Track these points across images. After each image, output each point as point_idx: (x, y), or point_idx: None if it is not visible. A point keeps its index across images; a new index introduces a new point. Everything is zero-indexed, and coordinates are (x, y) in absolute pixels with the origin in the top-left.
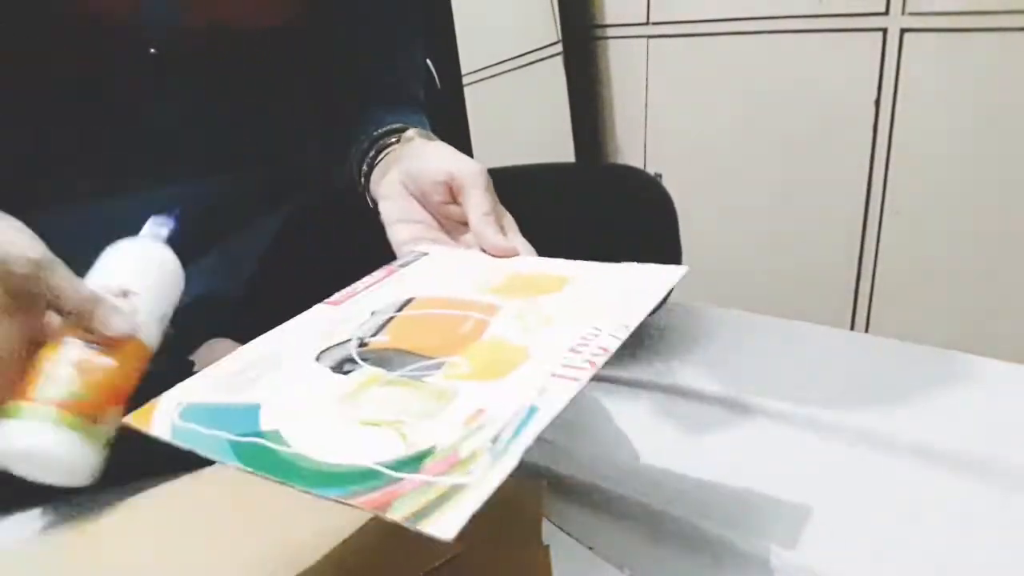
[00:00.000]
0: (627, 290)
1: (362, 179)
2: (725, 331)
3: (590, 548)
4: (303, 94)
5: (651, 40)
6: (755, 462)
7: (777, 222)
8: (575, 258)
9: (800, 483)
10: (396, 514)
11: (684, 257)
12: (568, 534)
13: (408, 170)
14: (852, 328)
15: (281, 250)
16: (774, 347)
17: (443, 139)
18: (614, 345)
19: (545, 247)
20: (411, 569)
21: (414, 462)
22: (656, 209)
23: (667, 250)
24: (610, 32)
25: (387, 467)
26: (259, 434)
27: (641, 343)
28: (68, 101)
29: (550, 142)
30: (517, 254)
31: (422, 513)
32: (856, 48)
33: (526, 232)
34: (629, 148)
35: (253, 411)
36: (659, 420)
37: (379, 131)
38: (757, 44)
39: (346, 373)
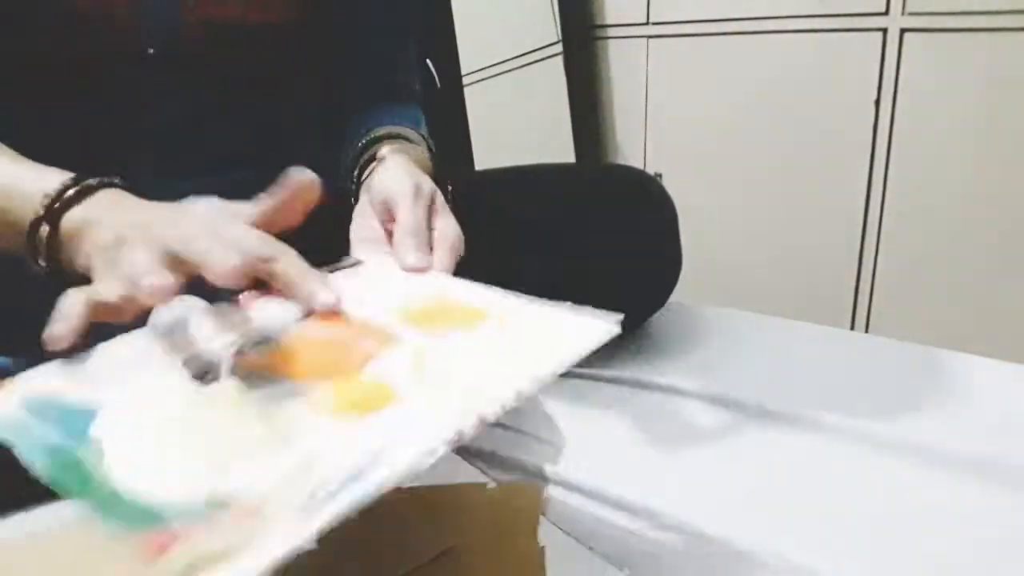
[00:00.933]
0: (540, 345)
1: (352, 196)
2: (724, 331)
3: (590, 548)
4: (303, 93)
5: (651, 40)
6: (755, 462)
7: (777, 222)
8: (572, 258)
9: (800, 483)
10: (167, 566)
11: (684, 257)
12: (568, 534)
13: (368, 191)
14: (852, 328)
15: None
16: (774, 347)
17: (443, 139)
18: (470, 429)
19: (546, 247)
20: (402, 564)
21: (209, 509)
22: (656, 209)
23: (667, 250)
24: (610, 32)
25: (178, 510)
26: (81, 441)
27: (642, 342)
28: (66, 101)
29: (550, 142)
30: (426, 268)
31: (192, 569)
32: (856, 48)
33: (526, 232)
34: (629, 148)
35: (88, 415)
36: (659, 420)
37: (366, 140)
38: (757, 44)
39: (207, 383)
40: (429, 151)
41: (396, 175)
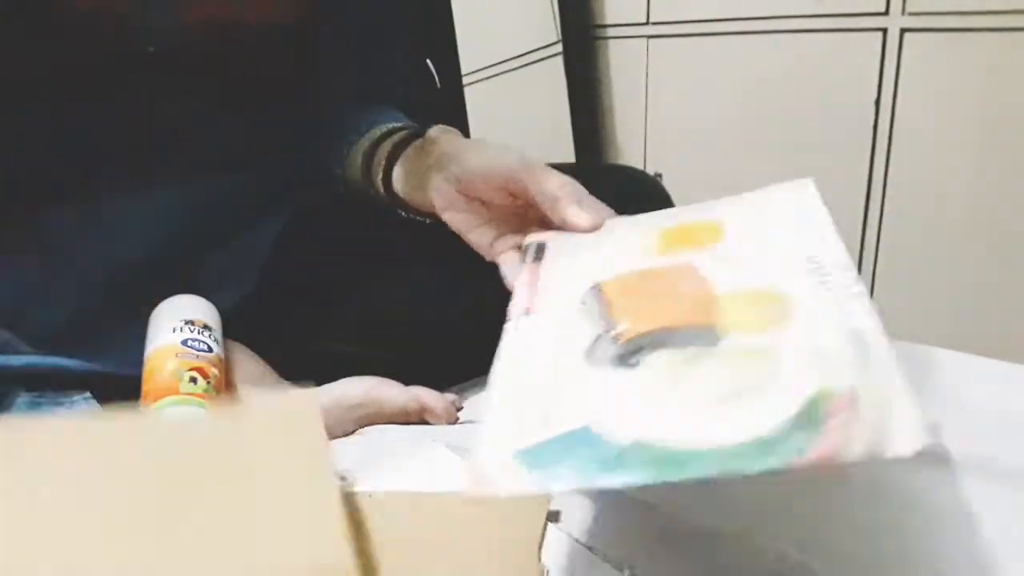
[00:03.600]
0: (786, 220)
1: (371, 182)
2: None
3: (590, 548)
4: (303, 93)
5: (651, 40)
6: None
7: None
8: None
9: (799, 483)
10: (854, 450)
11: None
12: (568, 534)
13: (458, 175)
14: None
15: (283, 251)
16: None
17: None
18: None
19: None
20: (402, 563)
21: (813, 410)
22: (656, 209)
23: None
24: (610, 32)
25: (790, 426)
26: (626, 448)
27: None
28: (65, 100)
29: (550, 142)
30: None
31: (874, 441)
32: (856, 48)
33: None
34: (629, 148)
35: (586, 433)
36: None
37: (381, 131)
38: (757, 44)
39: (632, 366)
40: None
41: (502, 153)
